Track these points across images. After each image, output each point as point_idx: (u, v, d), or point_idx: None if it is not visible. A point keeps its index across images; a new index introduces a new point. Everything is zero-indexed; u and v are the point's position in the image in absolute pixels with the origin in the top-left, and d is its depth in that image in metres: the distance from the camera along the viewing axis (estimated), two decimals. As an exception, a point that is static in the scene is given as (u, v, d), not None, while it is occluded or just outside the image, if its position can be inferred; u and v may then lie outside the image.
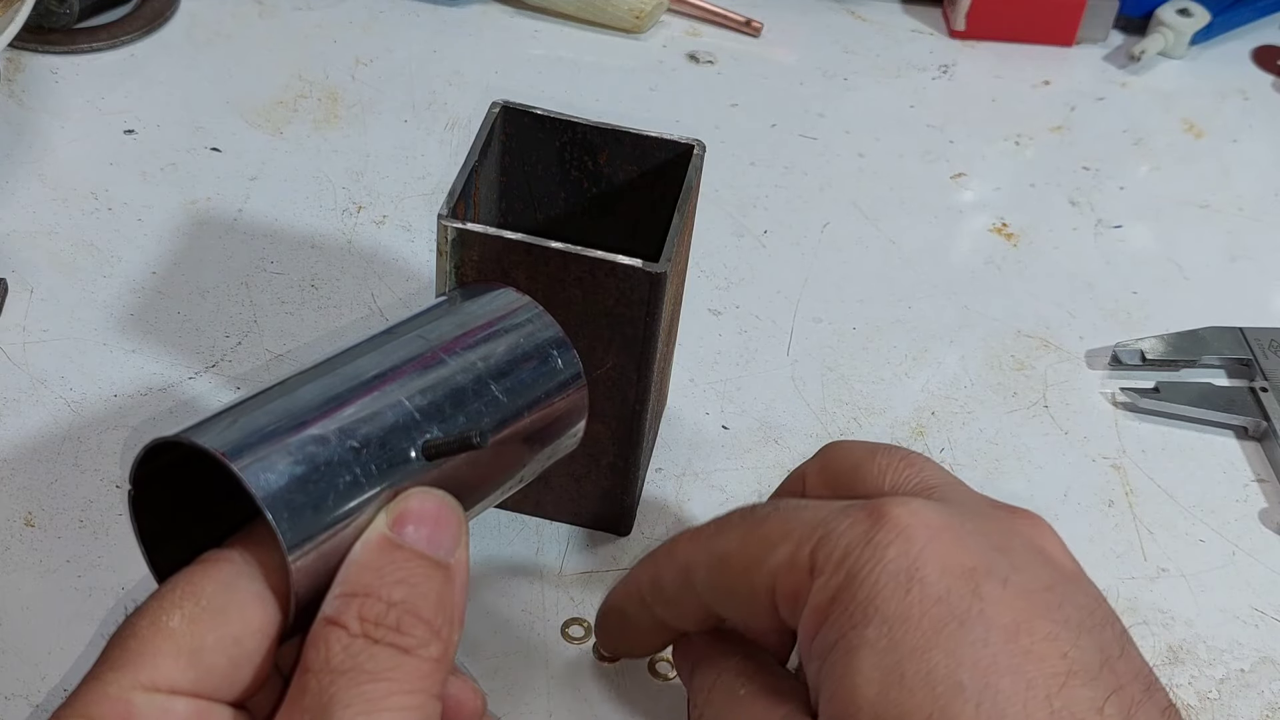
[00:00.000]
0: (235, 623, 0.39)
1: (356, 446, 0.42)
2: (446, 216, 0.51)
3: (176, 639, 0.38)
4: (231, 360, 0.64)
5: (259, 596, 0.39)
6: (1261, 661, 0.58)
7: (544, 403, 0.48)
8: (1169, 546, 0.62)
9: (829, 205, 0.77)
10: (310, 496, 0.40)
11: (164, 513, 0.43)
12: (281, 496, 0.40)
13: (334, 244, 0.71)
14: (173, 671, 0.38)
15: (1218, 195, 0.82)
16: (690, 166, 0.55)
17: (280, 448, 0.41)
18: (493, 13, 0.87)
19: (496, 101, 0.56)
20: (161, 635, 0.38)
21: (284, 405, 0.43)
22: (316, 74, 0.81)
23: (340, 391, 0.43)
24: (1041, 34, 0.90)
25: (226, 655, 0.38)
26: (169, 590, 0.39)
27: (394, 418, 0.43)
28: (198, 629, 0.38)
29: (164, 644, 0.38)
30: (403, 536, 0.40)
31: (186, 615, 0.38)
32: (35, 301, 0.66)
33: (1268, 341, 0.70)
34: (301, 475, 0.40)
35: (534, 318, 0.49)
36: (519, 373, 0.47)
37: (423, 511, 0.41)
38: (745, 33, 0.88)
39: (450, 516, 0.41)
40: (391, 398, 0.44)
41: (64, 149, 0.74)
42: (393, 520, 0.41)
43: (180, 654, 0.38)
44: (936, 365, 0.69)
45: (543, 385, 0.48)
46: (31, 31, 0.76)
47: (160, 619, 0.38)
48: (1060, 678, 0.38)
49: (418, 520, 0.41)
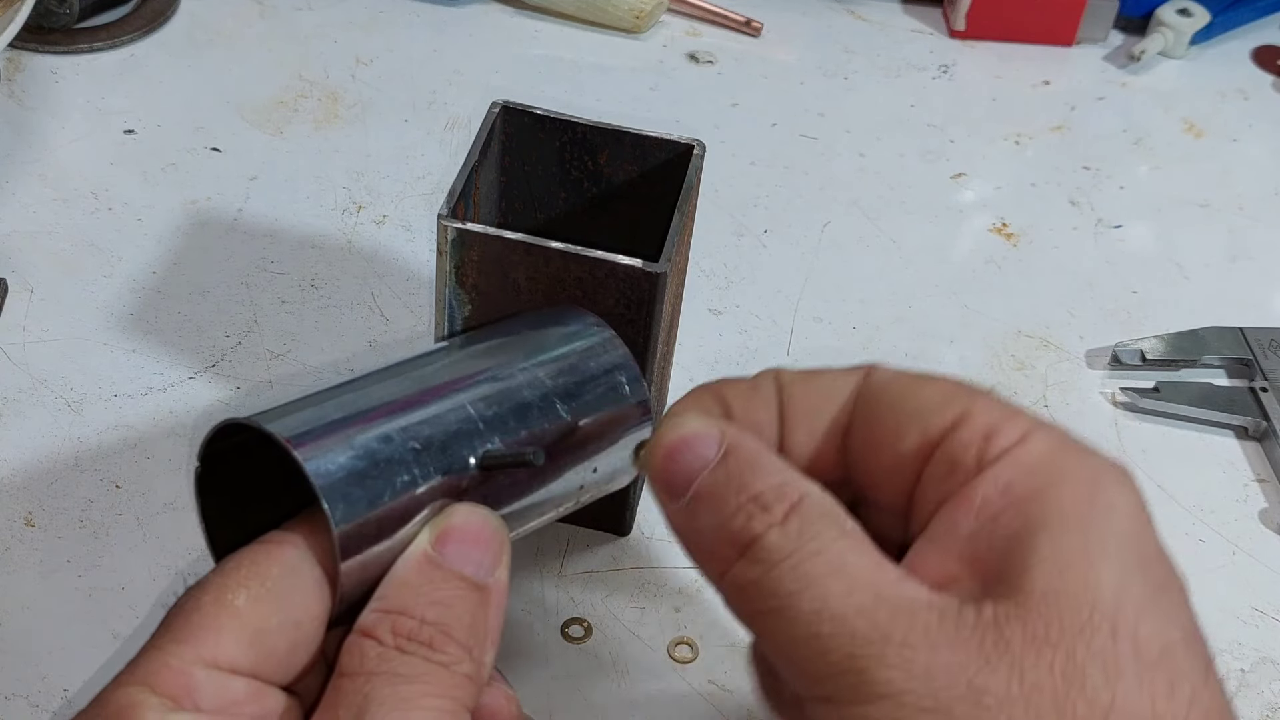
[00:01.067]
0: (297, 607, 0.39)
1: (418, 448, 0.42)
2: (447, 216, 0.51)
3: (241, 618, 0.38)
4: (232, 360, 0.64)
5: (318, 583, 0.40)
6: (1261, 661, 0.58)
7: (608, 428, 0.48)
8: (1169, 547, 0.62)
9: (829, 205, 0.77)
10: (366, 490, 0.41)
11: (225, 494, 0.44)
12: (339, 486, 0.40)
13: (334, 244, 0.71)
14: (235, 650, 0.38)
15: (1218, 195, 0.82)
16: (690, 166, 0.55)
17: (342, 439, 0.41)
18: (493, 13, 0.87)
19: (496, 101, 0.56)
20: (227, 613, 0.38)
21: (351, 401, 0.43)
22: (316, 74, 0.81)
23: (407, 394, 0.44)
24: (1041, 34, 0.90)
25: (286, 639, 0.39)
26: (234, 568, 0.40)
27: (457, 424, 0.44)
28: (262, 610, 0.39)
29: (229, 622, 0.38)
30: (443, 555, 0.41)
31: (252, 595, 0.39)
32: (35, 301, 0.66)
33: (1268, 341, 0.70)
34: (360, 469, 0.41)
35: (606, 341, 0.50)
36: (586, 395, 0.48)
37: (465, 530, 0.41)
38: (745, 33, 0.88)
39: (492, 537, 0.42)
40: (457, 404, 0.44)
41: (64, 149, 0.74)
42: (435, 537, 0.41)
43: (244, 633, 0.38)
44: (936, 365, 0.69)
45: (608, 410, 0.48)
46: (31, 31, 0.76)
47: (225, 596, 0.39)
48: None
49: (460, 539, 0.41)
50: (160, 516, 0.58)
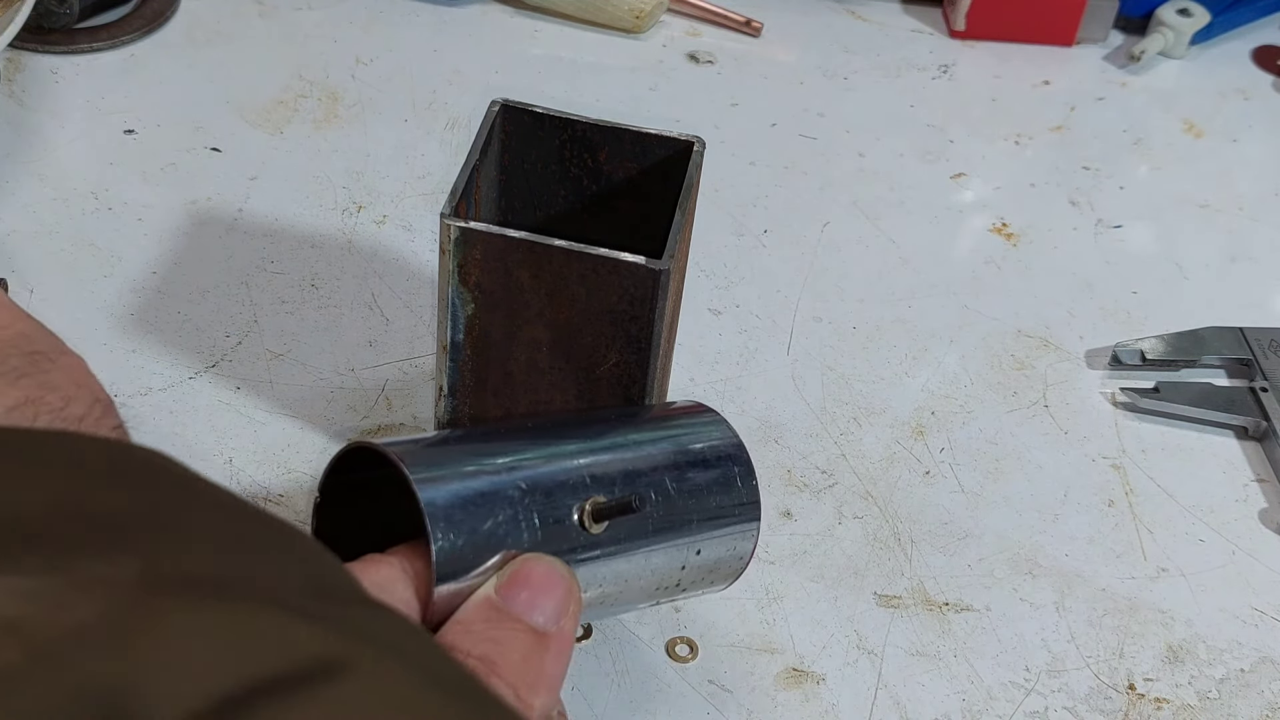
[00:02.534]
0: None
1: (524, 489, 0.44)
2: (449, 215, 0.51)
3: None
4: (232, 360, 0.64)
5: (407, 604, 0.41)
6: (1261, 661, 0.58)
7: (714, 517, 0.49)
8: (1169, 546, 0.62)
9: (829, 205, 0.77)
10: (469, 518, 0.43)
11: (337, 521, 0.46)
12: (443, 512, 0.42)
13: (334, 244, 0.71)
14: None
15: (1218, 195, 0.82)
16: (690, 163, 0.55)
17: (454, 472, 0.44)
18: (493, 13, 0.87)
19: (496, 100, 0.56)
20: None
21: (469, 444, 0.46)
22: (316, 74, 0.81)
23: (523, 443, 0.47)
24: (1041, 34, 0.90)
25: None
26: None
27: (565, 476, 0.46)
28: None
29: None
30: (505, 599, 0.41)
31: None
32: (35, 301, 0.66)
33: (1268, 341, 0.70)
34: (466, 499, 0.43)
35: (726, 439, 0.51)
36: (695, 476, 0.49)
37: (530, 575, 0.42)
38: (745, 33, 0.88)
39: (558, 584, 0.42)
40: (569, 458, 0.46)
41: (64, 149, 0.74)
42: (501, 583, 0.42)
43: None
44: (936, 365, 0.69)
45: (716, 500, 0.50)
46: (31, 31, 0.76)
47: None
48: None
49: (524, 584, 0.42)
50: (160, 516, 0.58)
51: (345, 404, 0.63)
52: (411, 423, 0.62)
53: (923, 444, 0.65)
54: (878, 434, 0.65)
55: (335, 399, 0.63)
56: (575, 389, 0.54)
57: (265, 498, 0.59)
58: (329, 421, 0.62)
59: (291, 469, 0.60)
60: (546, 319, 0.52)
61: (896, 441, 0.65)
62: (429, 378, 0.64)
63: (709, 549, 0.49)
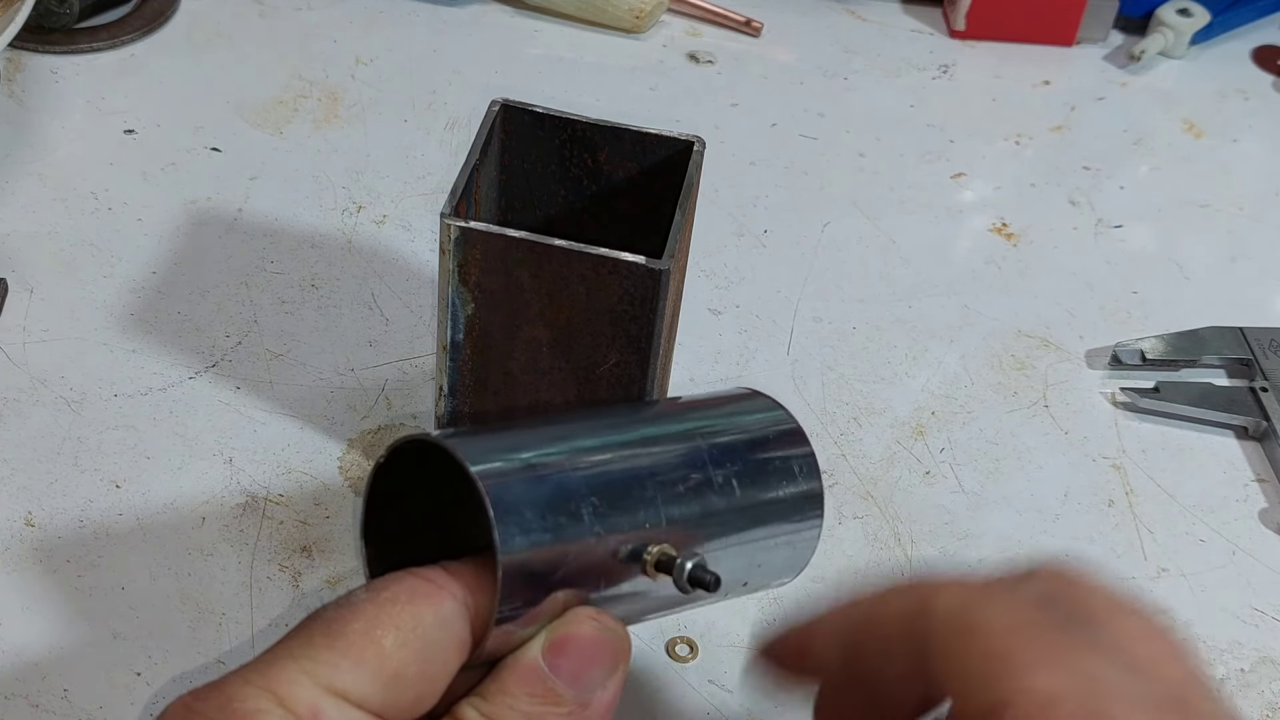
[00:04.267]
0: (436, 662, 0.39)
1: (600, 534, 0.42)
2: (449, 215, 0.51)
3: (385, 659, 0.38)
4: (232, 360, 0.64)
5: (461, 644, 0.40)
6: (1261, 661, 0.58)
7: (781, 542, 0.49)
8: (1169, 546, 0.62)
9: (829, 205, 0.77)
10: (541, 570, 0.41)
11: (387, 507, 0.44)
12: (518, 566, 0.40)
13: (334, 244, 0.71)
14: (370, 689, 0.37)
15: (1218, 195, 0.82)
16: (690, 163, 0.55)
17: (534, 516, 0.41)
18: (493, 13, 0.87)
19: (496, 100, 0.56)
20: (373, 649, 0.38)
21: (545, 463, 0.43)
22: (316, 74, 0.81)
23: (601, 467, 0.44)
24: (1041, 34, 0.90)
25: (416, 690, 0.38)
26: (390, 600, 0.39)
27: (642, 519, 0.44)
28: (405, 656, 0.38)
29: (372, 659, 0.38)
30: (550, 666, 0.40)
31: (401, 639, 0.38)
32: (35, 301, 0.66)
33: (1268, 341, 0.70)
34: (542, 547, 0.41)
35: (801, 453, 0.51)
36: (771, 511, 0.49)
37: (580, 643, 0.41)
38: (745, 33, 0.88)
39: (606, 650, 0.41)
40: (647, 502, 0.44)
41: (64, 149, 0.74)
42: (549, 644, 0.41)
43: (383, 675, 0.37)
44: (936, 365, 0.69)
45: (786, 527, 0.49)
46: (31, 31, 0.76)
47: (376, 631, 0.38)
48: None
49: (573, 651, 0.40)
50: (160, 516, 0.58)
51: (345, 404, 0.63)
52: (411, 423, 0.62)
53: (923, 444, 0.65)
54: (878, 434, 0.65)
55: (335, 399, 0.63)
56: (575, 389, 0.54)
57: (265, 497, 0.59)
58: (329, 421, 0.62)
59: (291, 469, 0.60)
60: (546, 319, 0.52)
61: (896, 441, 0.65)
62: (429, 378, 0.64)
63: (769, 564, 0.49)
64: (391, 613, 0.38)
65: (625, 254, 0.50)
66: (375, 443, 0.61)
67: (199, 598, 0.55)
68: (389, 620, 0.38)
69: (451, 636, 0.39)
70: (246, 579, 0.56)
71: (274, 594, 0.55)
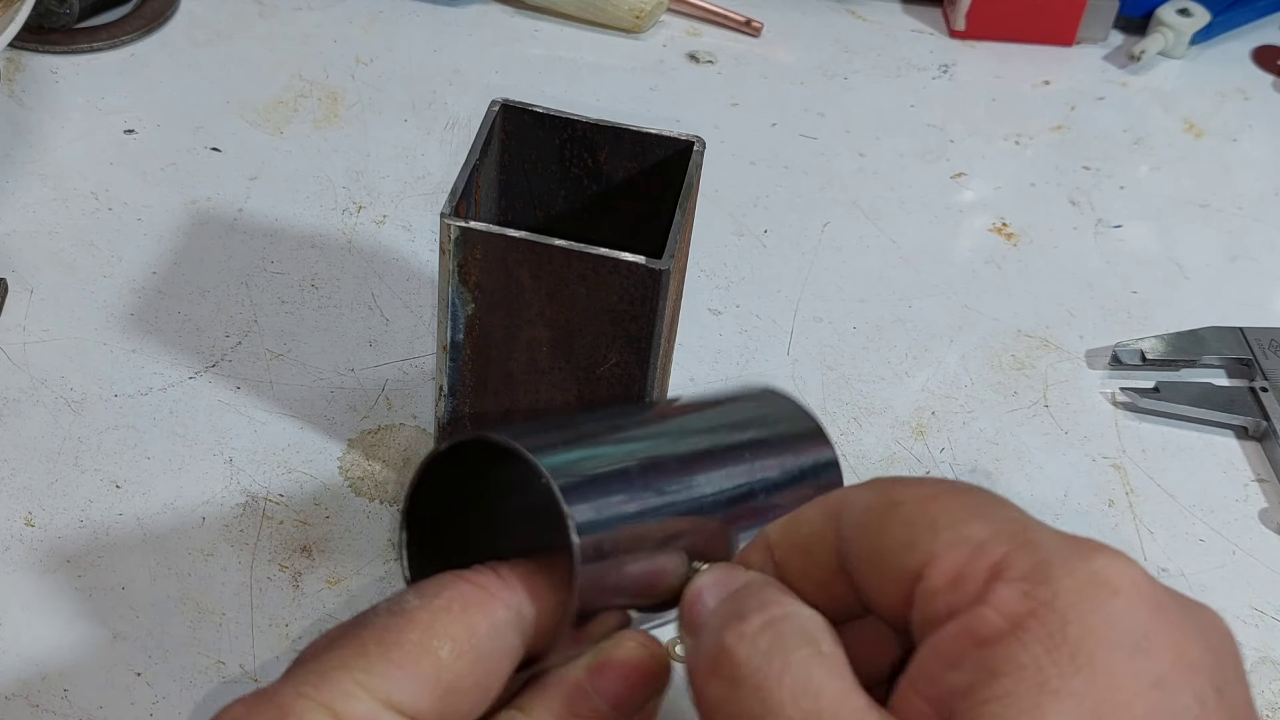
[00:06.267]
0: (491, 673, 0.38)
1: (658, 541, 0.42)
2: (449, 215, 0.51)
3: (440, 671, 0.37)
4: (232, 360, 0.64)
5: (513, 653, 0.39)
6: (1261, 661, 0.58)
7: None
8: (1169, 546, 0.62)
9: (829, 205, 0.77)
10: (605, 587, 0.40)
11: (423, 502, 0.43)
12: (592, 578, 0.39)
13: (334, 244, 0.71)
14: (424, 701, 0.37)
15: (1218, 195, 0.82)
16: (691, 163, 0.55)
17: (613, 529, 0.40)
18: (493, 13, 0.87)
19: (496, 99, 0.56)
20: (428, 660, 0.37)
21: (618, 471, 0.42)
22: (316, 74, 0.81)
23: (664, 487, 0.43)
24: (1041, 34, 0.90)
25: (470, 702, 0.38)
26: (444, 609, 0.38)
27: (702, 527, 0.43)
28: (460, 667, 0.37)
29: (428, 670, 0.37)
30: (594, 687, 0.40)
31: (459, 650, 0.37)
32: (35, 301, 0.66)
33: (1268, 341, 0.70)
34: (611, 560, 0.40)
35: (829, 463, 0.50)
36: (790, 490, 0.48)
37: (624, 666, 0.40)
38: (745, 33, 0.88)
39: (648, 673, 0.41)
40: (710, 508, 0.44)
41: (64, 149, 0.74)
42: (594, 666, 0.40)
43: (438, 687, 0.37)
44: (936, 365, 0.69)
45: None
46: (31, 31, 0.76)
47: (432, 642, 0.37)
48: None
49: (617, 674, 0.40)
50: (160, 516, 0.58)
51: (345, 404, 0.63)
52: (411, 423, 0.62)
53: (923, 444, 0.65)
54: (878, 434, 0.65)
55: (335, 399, 0.63)
56: (575, 389, 0.54)
57: (265, 497, 0.59)
58: (329, 421, 0.62)
59: (291, 469, 0.60)
60: (546, 319, 0.52)
61: (897, 441, 0.65)
62: (429, 378, 0.64)
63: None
64: (446, 622, 0.38)
65: (625, 254, 0.50)
66: (375, 443, 0.62)
67: (199, 598, 0.55)
68: (444, 630, 0.37)
69: (504, 647, 0.39)
70: (246, 579, 0.56)
71: (274, 594, 0.55)
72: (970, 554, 0.35)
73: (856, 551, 0.38)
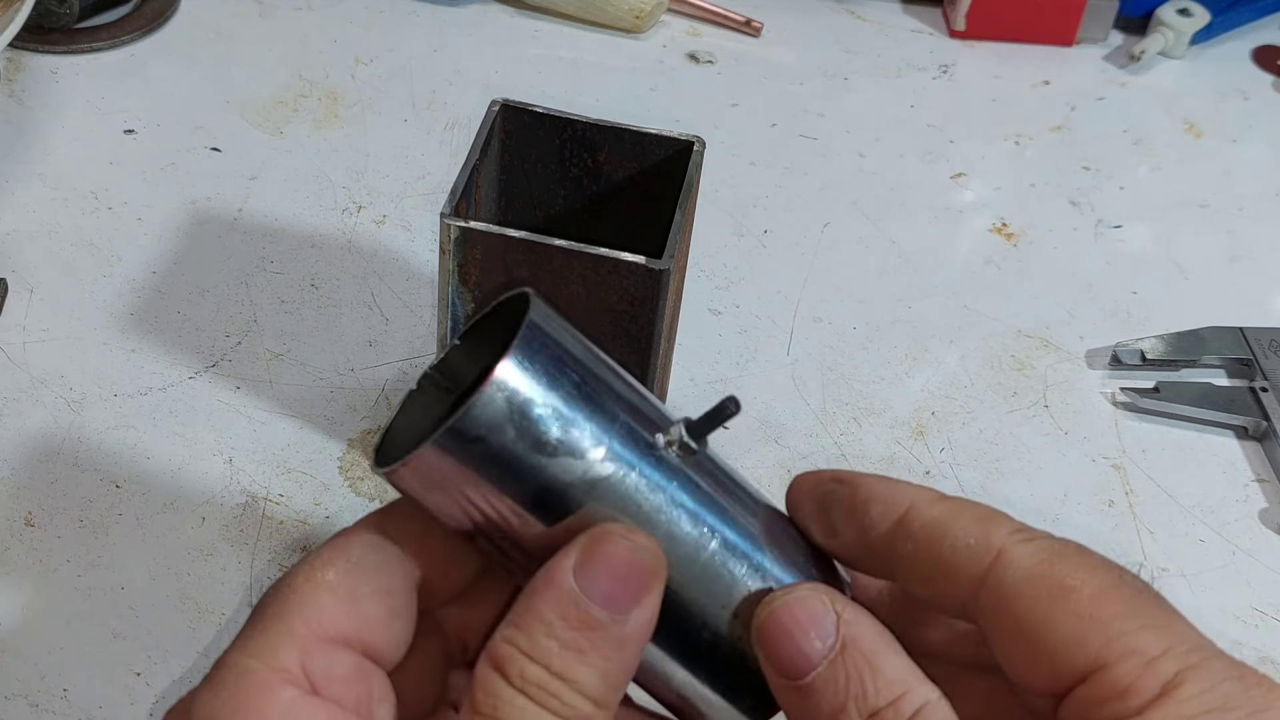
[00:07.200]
0: (385, 577, 0.39)
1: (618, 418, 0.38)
2: (449, 215, 0.51)
3: (335, 589, 0.38)
4: (232, 360, 0.64)
5: (400, 559, 0.40)
6: (1261, 661, 0.58)
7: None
8: (1169, 546, 0.62)
9: (829, 205, 0.77)
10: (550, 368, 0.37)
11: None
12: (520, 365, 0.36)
13: (334, 243, 0.71)
14: (337, 617, 0.38)
15: (1218, 195, 0.82)
16: (690, 163, 0.55)
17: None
18: (493, 13, 0.87)
19: (496, 99, 0.56)
20: (321, 588, 0.38)
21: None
22: (316, 74, 0.81)
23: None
24: (1041, 34, 0.90)
25: (382, 606, 0.39)
26: (317, 554, 0.40)
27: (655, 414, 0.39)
28: (353, 581, 0.39)
29: (324, 595, 0.38)
30: (584, 589, 0.38)
31: (340, 570, 0.39)
32: (35, 301, 0.66)
33: (1268, 341, 0.70)
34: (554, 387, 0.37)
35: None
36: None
37: (615, 565, 0.38)
38: (745, 33, 0.88)
39: (640, 578, 0.39)
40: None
41: (64, 149, 0.74)
42: (580, 560, 0.38)
43: (340, 602, 0.38)
44: (936, 365, 0.69)
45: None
46: (31, 31, 0.76)
47: (315, 575, 0.39)
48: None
49: (605, 571, 0.38)
50: (160, 516, 0.58)
51: (345, 404, 0.63)
52: (411, 423, 0.62)
53: (923, 444, 0.65)
54: (878, 434, 0.65)
55: (335, 399, 0.63)
56: (575, 389, 0.54)
57: (265, 497, 0.59)
58: (329, 421, 0.62)
59: (291, 469, 0.60)
60: (546, 319, 0.52)
61: (896, 442, 0.65)
62: (429, 378, 0.64)
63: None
64: (321, 559, 0.39)
65: (625, 254, 0.50)
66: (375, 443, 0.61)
67: (199, 598, 0.55)
68: (322, 564, 0.39)
69: (388, 554, 0.40)
70: (246, 579, 0.56)
71: (274, 594, 0.55)
72: (1143, 669, 0.35)
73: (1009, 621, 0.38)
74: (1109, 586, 0.37)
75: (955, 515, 0.40)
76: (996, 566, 0.38)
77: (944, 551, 0.39)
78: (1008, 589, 0.38)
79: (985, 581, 0.38)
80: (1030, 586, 0.38)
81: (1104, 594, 0.37)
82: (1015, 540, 0.39)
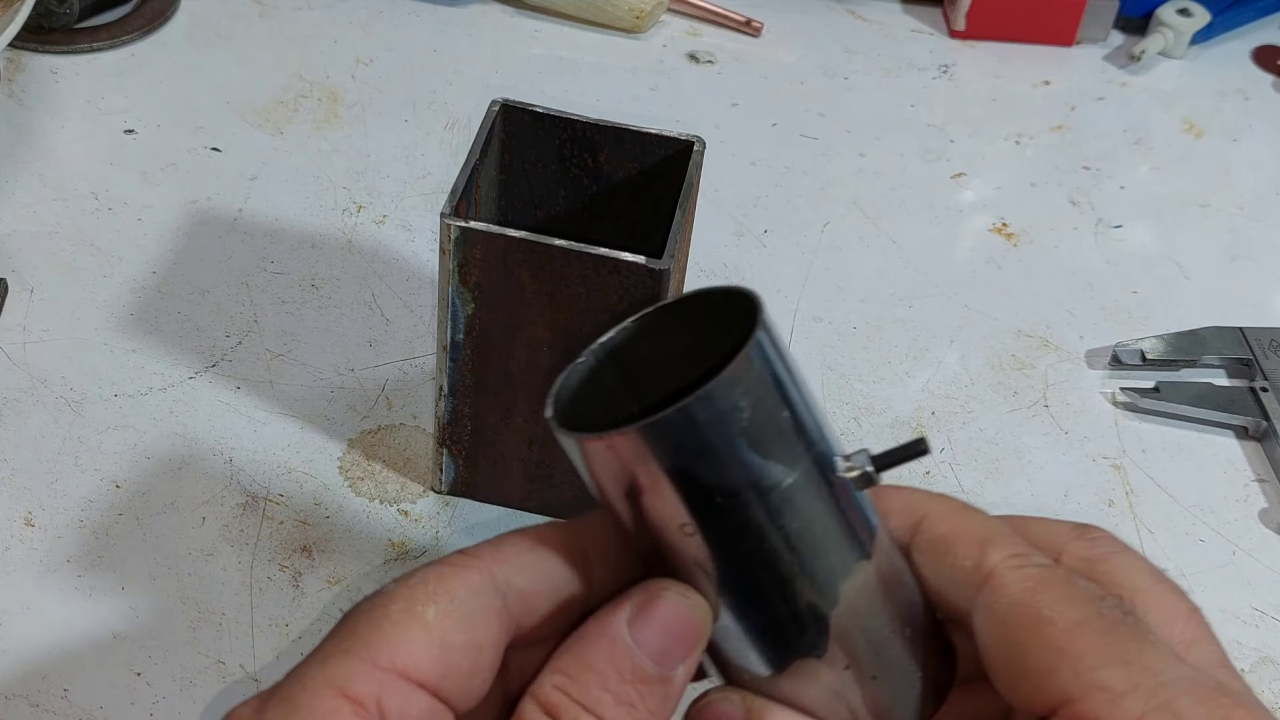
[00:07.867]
0: (480, 630, 0.38)
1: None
2: (449, 215, 0.51)
3: (430, 631, 0.38)
4: (232, 360, 0.64)
5: (500, 612, 0.39)
6: (1261, 661, 0.58)
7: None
8: (1169, 546, 0.62)
9: (829, 205, 0.77)
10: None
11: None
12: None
13: (334, 244, 0.71)
14: (424, 662, 0.37)
15: (1218, 195, 0.82)
16: (690, 163, 0.55)
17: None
18: (493, 13, 0.87)
19: (496, 99, 0.56)
20: (418, 625, 0.38)
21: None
22: (316, 74, 0.81)
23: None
24: (1041, 34, 0.90)
25: (470, 660, 0.38)
26: (419, 583, 0.38)
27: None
28: (449, 626, 0.38)
29: (420, 633, 0.37)
30: (638, 642, 0.39)
31: (441, 611, 0.38)
32: (35, 301, 0.66)
33: (1268, 341, 0.70)
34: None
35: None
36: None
37: (669, 621, 0.39)
38: (745, 33, 0.88)
39: (692, 634, 0.39)
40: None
41: (64, 149, 0.74)
42: (635, 614, 0.39)
43: (433, 646, 0.37)
44: (936, 365, 0.69)
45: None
46: (31, 31, 0.76)
47: (415, 608, 0.38)
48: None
49: (660, 628, 0.39)
50: (160, 516, 0.58)
51: (345, 404, 0.63)
52: (411, 423, 0.62)
53: (923, 444, 0.65)
54: (878, 434, 0.65)
55: (335, 399, 0.63)
56: (575, 389, 0.54)
57: (265, 497, 0.59)
58: (329, 421, 0.62)
59: (291, 469, 0.60)
60: (546, 319, 0.52)
61: (897, 441, 0.65)
62: (429, 378, 0.64)
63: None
64: (424, 591, 0.38)
65: (625, 254, 0.50)
66: (375, 443, 0.62)
67: (199, 598, 0.55)
68: (424, 598, 0.38)
69: (489, 604, 0.39)
70: (246, 579, 0.56)
71: (274, 594, 0.56)
72: (1109, 707, 0.36)
73: (994, 645, 0.39)
74: (1084, 620, 0.37)
75: (960, 533, 0.41)
76: (986, 590, 0.39)
77: (945, 570, 0.40)
78: (994, 614, 0.38)
79: (975, 604, 0.39)
80: (1012, 614, 0.38)
81: (1077, 628, 0.37)
82: (1007, 565, 0.39)
